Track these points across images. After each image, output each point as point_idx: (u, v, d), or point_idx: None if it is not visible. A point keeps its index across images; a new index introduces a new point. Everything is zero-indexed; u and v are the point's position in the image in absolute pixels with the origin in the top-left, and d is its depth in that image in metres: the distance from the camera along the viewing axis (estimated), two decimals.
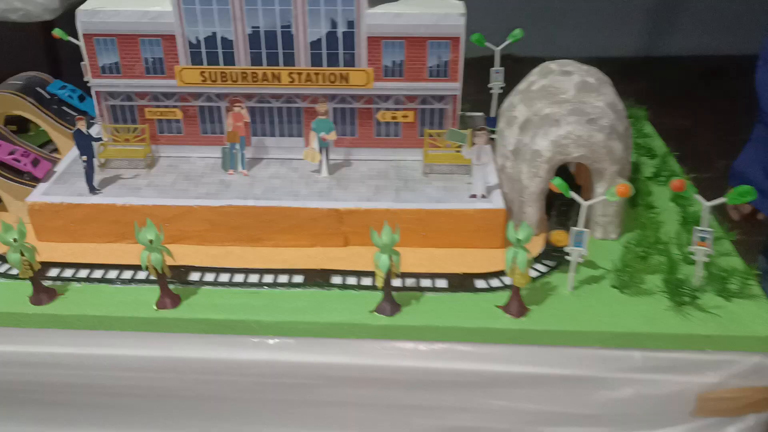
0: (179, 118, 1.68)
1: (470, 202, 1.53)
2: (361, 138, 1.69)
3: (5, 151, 1.57)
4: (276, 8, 1.54)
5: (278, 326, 1.36)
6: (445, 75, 1.60)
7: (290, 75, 1.61)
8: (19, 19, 3.23)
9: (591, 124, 1.48)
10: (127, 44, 1.59)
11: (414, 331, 1.35)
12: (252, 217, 1.53)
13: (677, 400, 1.36)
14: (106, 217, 1.53)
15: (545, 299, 1.39)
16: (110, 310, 1.38)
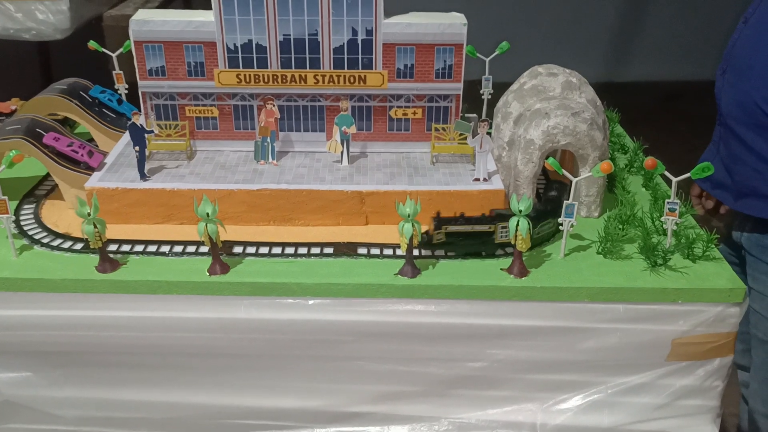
0: (216, 115, 1.90)
1: (474, 184, 1.77)
2: (375, 132, 1.93)
3: (64, 144, 1.77)
4: (305, 19, 1.78)
5: (315, 288, 1.57)
6: (450, 77, 1.86)
7: (315, 77, 1.84)
8: (32, 39, 3.42)
9: (575, 117, 1.74)
10: (173, 50, 1.81)
11: (432, 290, 1.57)
12: (284, 199, 1.75)
13: (654, 346, 1.60)
14: (155, 200, 1.74)
15: (541, 264, 1.64)
16: (167, 276, 1.58)
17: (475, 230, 1.62)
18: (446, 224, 1.62)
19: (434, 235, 1.62)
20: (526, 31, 6.13)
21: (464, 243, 1.63)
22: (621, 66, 6.95)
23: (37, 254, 1.64)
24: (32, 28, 3.37)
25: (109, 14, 3.74)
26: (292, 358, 1.65)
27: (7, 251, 1.63)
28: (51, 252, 1.65)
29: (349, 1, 1.76)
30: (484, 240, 1.63)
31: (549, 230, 1.70)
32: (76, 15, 3.42)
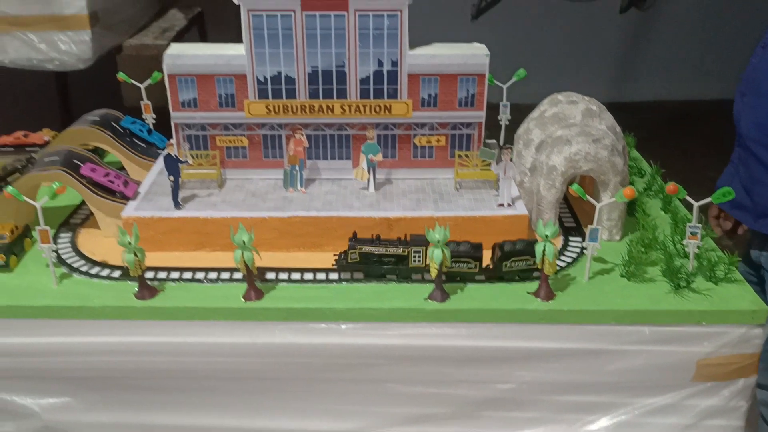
0: (245, 145, 1.95)
1: (498, 209, 1.82)
2: (400, 160, 1.98)
3: (101, 174, 1.82)
4: (332, 51, 1.84)
5: (348, 312, 1.62)
6: (472, 105, 1.91)
7: (342, 107, 1.90)
8: (55, 69, 3.50)
9: (596, 143, 1.79)
10: (205, 82, 1.87)
11: (461, 314, 1.61)
12: (314, 226, 1.80)
13: (680, 368, 1.63)
14: (189, 228, 1.79)
15: (567, 287, 1.68)
16: (204, 302, 1.63)
17: (388, 253, 1.66)
18: (361, 245, 1.66)
19: (349, 254, 1.66)
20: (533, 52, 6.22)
21: (378, 265, 1.67)
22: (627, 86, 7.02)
23: (76, 282, 1.69)
24: (55, 59, 3.45)
25: (128, 44, 3.83)
26: (325, 381, 1.69)
27: (47, 279, 1.68)
28: (90, 280, 1.70)
29: (376, 34, 1.82)
30: (398, 263, 1.67)
31: (524, 267, 1.68)
32: (98, 45, 3.50)
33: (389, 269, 1.68)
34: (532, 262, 1.64)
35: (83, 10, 3.37)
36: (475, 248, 1.66)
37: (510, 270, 1.66)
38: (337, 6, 1.80)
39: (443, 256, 1.58)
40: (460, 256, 1.65)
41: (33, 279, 1.70)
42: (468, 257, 1.65)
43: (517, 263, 1.66)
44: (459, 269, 1.66)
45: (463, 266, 1.66)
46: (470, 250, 1.65)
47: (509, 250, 1.65)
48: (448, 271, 1.64)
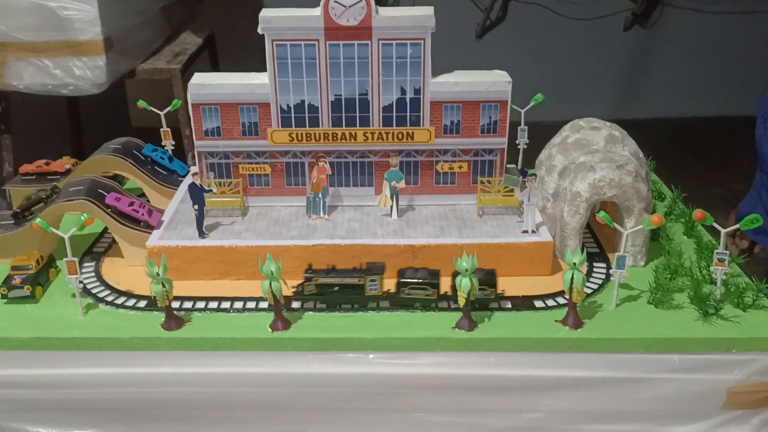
0: (268, 172, 1.96)
1: (523, 236, 1.82)
2: (422, 186, 1.98)
3: (125, 204, 1.83)
4: (356, 80, 1.85)
5: (375, 342, 1.61)
6: (495, 132, 1.92)
7: (365, 134, 1.91)
8: (70, 94, 3.52)
9: (620, 169, 1.79)
10: (229, 111, 1.88)
11: (489, 342, 1.61)
12: (339, 254, 1.80)
13: (710, 396, 1.62)
14: (214, 257, 1.79)
15: (594, 315, 1.67)
16: (231, 332, 1.62)
17: (345, 282, 1.66)
18: (317, 276, 1.67)
19: (305, 286, 1.67)
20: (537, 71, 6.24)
21: (335, 295, 1.68)
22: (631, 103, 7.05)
23: (102, 313, 1.69)
24: (70, 84, 3.47)
25: (141, 68, 3.86)
26: (352, 410, 1.68)
27: (74, 310, 1.68)
28: (116, 310, 1.69)
29: (399, 62, 1.84)
30: (355, 292, 1.67)
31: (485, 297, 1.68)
32: (112, 70, 3.52)
33: (346, 299, 1.68)
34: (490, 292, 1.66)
35: (98, 35, 3.40)
36: (432, 275, 1.67)
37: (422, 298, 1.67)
38: (360, 35, 1.81)
39: (471, 285, 1.58)
40: (418, 283, 1.66)
41: (59, 310, 1.70)
42: (426, 284, 1.66)
43: (415, 291, 1.67)
44: (416, 296, 1.67)
45: (420, 293, 1.66)
46: (428, 276, 1.67)
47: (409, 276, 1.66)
48: (407, 297, 1.66)
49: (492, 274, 1.68)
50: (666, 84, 6.87)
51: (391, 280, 1.71)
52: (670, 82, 6.85)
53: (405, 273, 1.68)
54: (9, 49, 3.42)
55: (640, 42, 6.86)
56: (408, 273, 1.68)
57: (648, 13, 6.64)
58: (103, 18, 3.38)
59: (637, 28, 6.70)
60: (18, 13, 3.34)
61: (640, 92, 7.01)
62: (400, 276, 1.68)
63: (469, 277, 1.58)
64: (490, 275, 1.67)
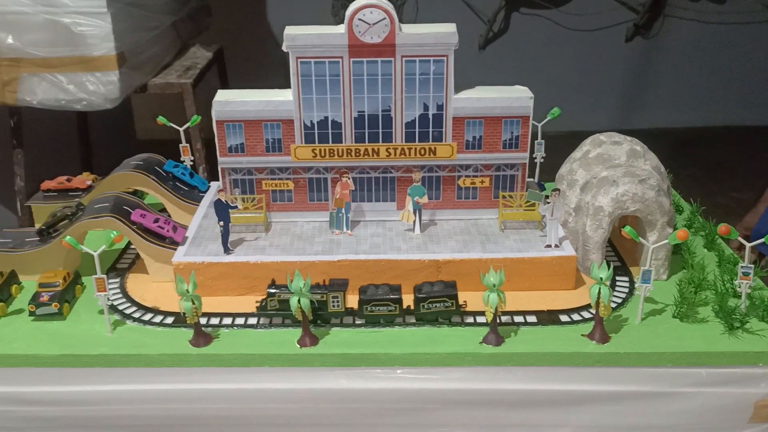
0: (291, 188, 1.97)
1: (546, 251, 1.83)
2: (444, 201, 2.00)
3: (150, 220, 1.84)
4: (379, 96, 1.87)
5: (403, 357, 1.62)
6: (516, 147, 1.93)
7: (387, 150, 1.92)
8: (83, 109, 3.53)
9: (643, 184, 1.80)
10: (252, 128, 1.89)
11: (516, 357, 1.61)
12: (363, 269, 1.81)
13: (737, 409, 1.63)
14: (239, 273, 1.80)
15: (620, 329, 1.68)
16: (259, 349, 1.63)
17: None
18: (280, 291, 1.67)
19: (268, 302, 1.67)
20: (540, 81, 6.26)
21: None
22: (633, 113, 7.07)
23: (130, 329, 1.69)
24: (83, 99, 3.48)
25: (153, 82, 3.88)
26: (380, 426, 1.68)
27: (101, 327, 1.68)
28: (143, 327, 1.70)
29: (422, 79, 1.85)
30: (318, 308, 1.68)
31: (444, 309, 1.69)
32: (124, 85, 3.53)
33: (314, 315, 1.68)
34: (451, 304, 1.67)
35: (111, 51, 3.42)
36: (394, 290, 1.68)
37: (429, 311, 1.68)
38: (384, 53, 1.82)
39: (499, 300, 1.58)
40: (381, 299, 1.66)
41: (87, 327, 1.70)
42: (388, 300, 1.67)
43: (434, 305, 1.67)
44: (380, 312, 1.67)
45: (383, 309, 1.67)
46: (390, 292, 1.68)
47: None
48: (371, 314, 1.67)
49: (452, 286, 1.69)
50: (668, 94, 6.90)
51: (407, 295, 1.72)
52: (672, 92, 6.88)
53: (422, 288, 1.69)
54: (23, 65, 3.43)
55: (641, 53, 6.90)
56: (370, 290, 1.68)
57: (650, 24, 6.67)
58: (117, 34, 3.40)
59: (639, 38, 6.75)
60: (32, 29, 3.36)
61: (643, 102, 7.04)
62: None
63: (496, 293, 1.58)
64: (451, 287, 1.68)
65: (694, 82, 6.83)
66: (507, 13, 6.43)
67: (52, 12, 3.35)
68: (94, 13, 3.34)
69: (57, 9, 3.33)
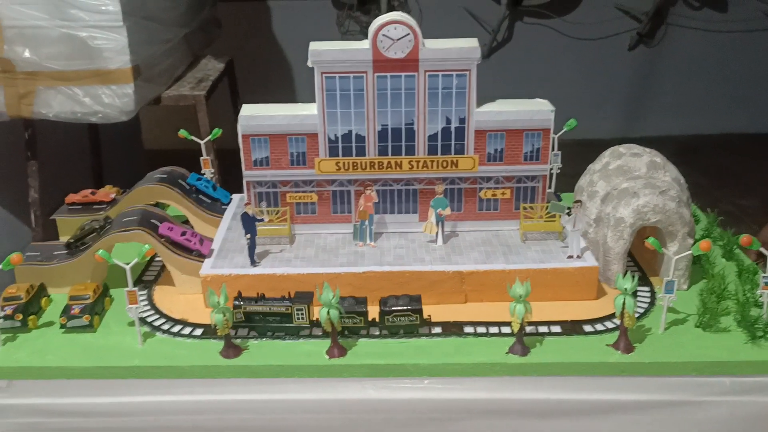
0: (315, 201, 2.00)
1: (569, 261, 1.85)
2: (466, 212, 2.02)
3: (177, 233, 1.86)
4: (402, 110, 1.90)
5: (431, 368, 1.64)
6: (537, 159, 1.96)
7: (410, 163, 1.95)
8: (98, 121, 3.56)
9: (663, 195, 1.83)
10: (277, 142, 1.92)
11: (543, 367, 1.63)
12: (388, 280, 1.83)
13: (762, 418, 1.64)
14: (266, 284, 1.82)
15: (644, 339, 1.70)
16: (288, 360, 1.65)
17: (272, 311, 1.68)
18: (246, 304, 1.69)
19: (234, 314, 1.69)
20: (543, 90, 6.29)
21: (264, 323, 1.70)
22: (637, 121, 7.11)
23: (160, 341, 1.71)
24: (99, 112, 3.51)
25: (166, 95, 3.92)
26: None
27: (131, 339, 1.71)
28: (173, 338, 1.72)
29: (444, 93, 1.88)
30: (283, 321, 1.69)
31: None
32: (139, 97, 3.57)
33: (275, 327, 1.70)
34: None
35: (127, 64, 3.45)
36: (359, 303, 1.70)
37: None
38: (408, 67, 1.86)
39: (526, 311, 1.61)
40: (346, 312, 1.68)
41: (117, 339, 1.72)
42: (353, 312, 1.69)
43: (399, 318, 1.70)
44: (345, 324, 1.69)
45: (348, 321, 1.69)
46: (355, 305, 1.70)
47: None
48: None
49: (363, 302, 1.71)
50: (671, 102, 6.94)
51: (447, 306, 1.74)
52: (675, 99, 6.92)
53: (387, 301, 1.71)
54: (39, 78, 3.47)
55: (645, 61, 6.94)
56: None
57: (653, 33, 6.72)
58: (132, 47, 3.43)
59: (642, 47, 6.80)
60: (49, 43, 3.39)
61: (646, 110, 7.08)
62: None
63: (523, 303, 1.61)
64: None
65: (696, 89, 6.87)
66: (511, 22, 6.48)
67: (68, 26, 3.38)
68: (110, 26, 3.38)
69: (73, 23, 3.36)
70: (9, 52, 3.34)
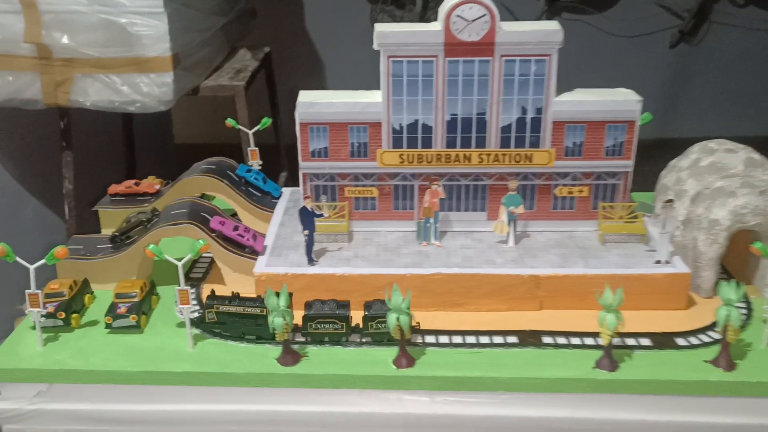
0: (375, 195, 1.85)
1: (657, 267, 1.68)
2: (538, 211, 1.86)
3: (230, 228, 1.73)
4: (474, 98, 1.75)
5: (508, 382, 1.48)
6: (620, 154, 1.79)
7: (480, 156, 1.80)
8: (136, 111, 3.45)
9: (763, 196, 1.65)
10: (337, 131, 1.78)
11: (633, 384, 1.47)
12: (456, 284, 1.68)
13: None
14: (324, 285, 1.68)
15: (744, 354, 1.53)
16: (352, 369, 1.50)
17: (247, 312, 1.55)
18: (219, 304, 1.57)
19: (206, 314, 1.57)
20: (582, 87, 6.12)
21: (238, 324, 1.57)
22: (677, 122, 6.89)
23: (211, 345, 1.58)
24: (137, 101, 3.39)
25: (205, 85, 3.80)
26: None
27: (180, 341, 1.58)
28: (225, 342, 1.59)
29: (521, 80, 1.72)
30: (257, 323, 1.56)
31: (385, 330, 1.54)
32: (178, 87, 3.45)
33: (249, 327, 1.57)
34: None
35: (167, 52, 3.33)
36: (342, 307, 1.57)
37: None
38: (482, 51, 1.70)
39: (617, 321, 1.45)
40: (327, 316, 1.55)
41: (165, 341, 1.60)
42: (334, 318, 1.55)
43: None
44: (325, 330, 1.56)
45: (329, 327, 1.55)
46: (337, 309, 1.56)
47: None
48: (315, 332, 1.56)
49: (345, 306, 1.57)
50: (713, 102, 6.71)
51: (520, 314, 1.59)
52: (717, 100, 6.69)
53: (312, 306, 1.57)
54: (76, 66, 3.36)
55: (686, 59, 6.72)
56: (316, 305, 1.57)
57: (695, 31, 6.49)
58: (172, 34, 3.32)
59: (684, 45, 6.57)
60: (86, 29, 3.29)
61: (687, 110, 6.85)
62: (308, 309, 1.56)
63: (614, 313, 1.45)
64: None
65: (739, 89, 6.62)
66: (549, 18, 6.30)
67: (107, 12, 3.27)
68: (151, 12, 3.26)
69: (113, 8, 3.25)
70: (46, 38, 3.23)
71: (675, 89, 6.81)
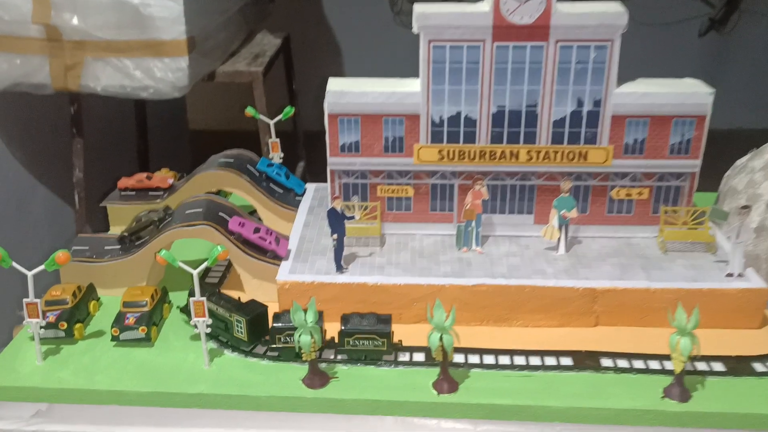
0: (410, 195, 1.67)
1: (728, 281, 1.50)
2: (592, 215, 1.68)
3: (250, 230, 1.56)
4: (524, 89, 1.56)
5: (565, 412, 1.31)
6: (687, 152, 1.60)
7: (528, 153, 1.61)
8: (149, 97, 3.29)
9: None
10: (370, 124, 1.60)
11: (709, 418, 1.29)
12: (502, 297, 1.51)
13: None
14: (355, 296, 1.51)
15: None
16: (387, 394, 1.34)
17: (218, 313, 1.45)
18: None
19: None
20: None
21: (217, 325, 1.45)
22: None
23: (230, 362, 1.42)
24: (150, 86, 3.22)
25: (221, 70, 3.63)
26: None
27: (195, 357, 1.42)
28: (245, 359, 1.42)
29: (578, 69, 1.54)
30: (226, 330, 1.45)
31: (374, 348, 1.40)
32: (194, 72, 3.28)
33: (222, 332, 1.46)
34: None
35: (182, 35, 3.15)
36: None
37: None
38: (535, 36, 1.51)
39: (691, 346, 1.26)
40: (366, 332, 1.38)
41: (178, 356, 1.43)
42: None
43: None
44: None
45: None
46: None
47: None
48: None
49: (387, 321, 1.39)
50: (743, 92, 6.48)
51: (574, 330, 1.41)
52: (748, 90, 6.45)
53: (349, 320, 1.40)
54: (87, 49, 3.20)
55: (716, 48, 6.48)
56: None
57: (726, 20, 6.25)
58: (187, 16, 3.15)
59: (713, 33, 6.33)
60: (97, 10, 3.12)
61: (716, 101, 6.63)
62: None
63: (689, 336, 1.26)
64: (384, 322, 1.39)
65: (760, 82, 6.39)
66: None
67: None
68: None
69: None
70: (56, 19, 3.07)
71: (704, 78, 6.60)
